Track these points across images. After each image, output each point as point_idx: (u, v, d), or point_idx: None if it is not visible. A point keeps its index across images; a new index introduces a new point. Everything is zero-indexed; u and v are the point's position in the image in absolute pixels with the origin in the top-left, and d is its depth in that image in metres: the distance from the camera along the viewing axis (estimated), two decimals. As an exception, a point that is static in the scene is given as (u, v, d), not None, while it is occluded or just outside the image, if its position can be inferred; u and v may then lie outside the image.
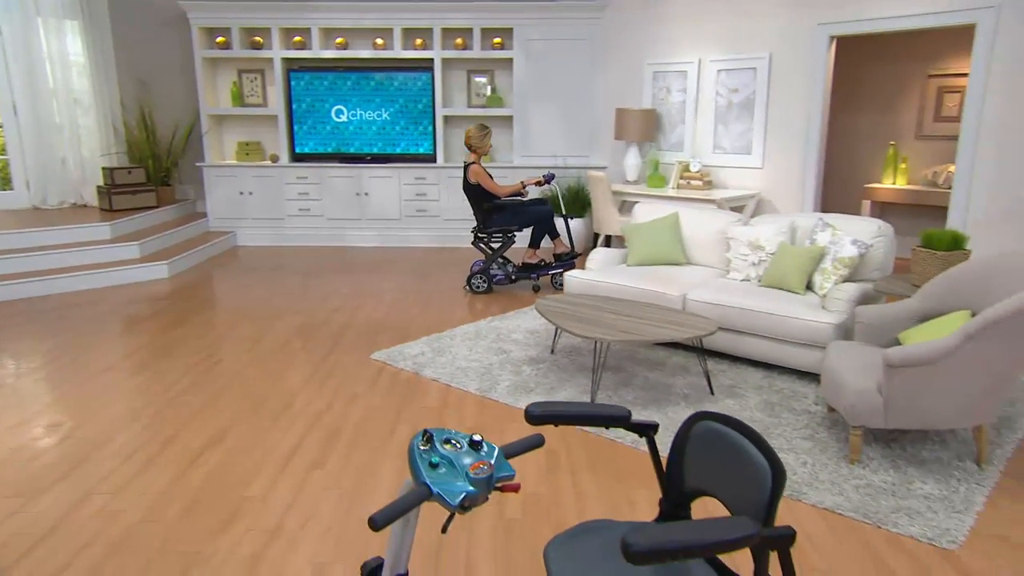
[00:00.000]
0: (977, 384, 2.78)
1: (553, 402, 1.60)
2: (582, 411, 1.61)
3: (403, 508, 1.18)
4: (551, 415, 1.58)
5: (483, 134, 5.78)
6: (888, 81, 7.43)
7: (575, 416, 1.60)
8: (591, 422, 1.62)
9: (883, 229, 4.09)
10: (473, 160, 5.79)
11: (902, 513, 2.63)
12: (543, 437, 1.47)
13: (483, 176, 5.73)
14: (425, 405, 3.64)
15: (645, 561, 1.16)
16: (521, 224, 5.86)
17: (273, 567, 2.33)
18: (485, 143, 5.80)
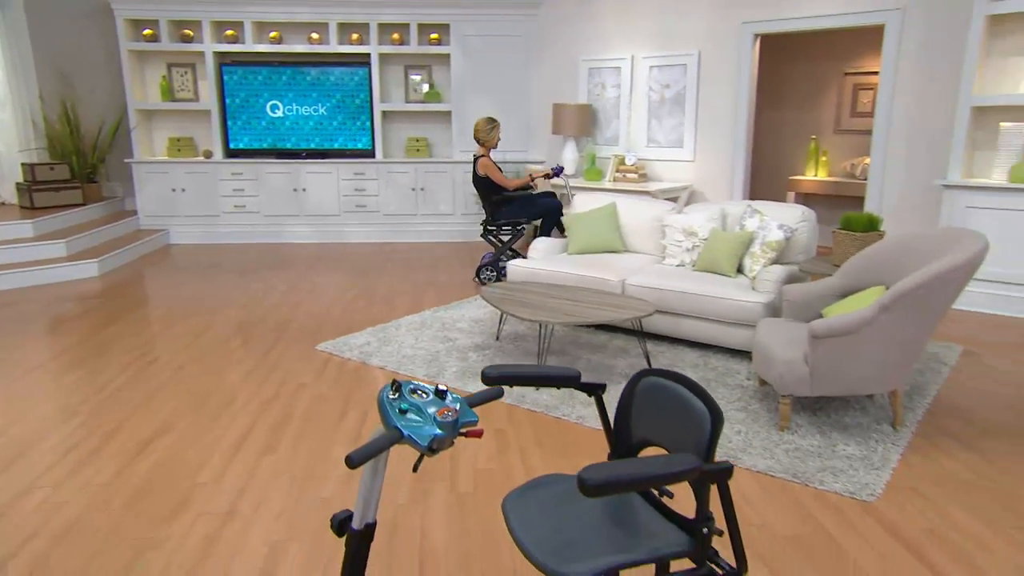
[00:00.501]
0: (891, 351, 3.02)
1: (508, 364, 1.69)
2: (535, 372, 1.70)
3: (377, 448, 1.25)
4: (506, 376, 1.66)
5: (490, 127, 5.83)
6: (808, 79, 7.83)
7: (528, 376, 1.69)
8: (543, 382, 1.71)
9: (806, 214, 4.35)
10: (482, 153, 5.87)
11: (827, 472, 2.83)
12: (502, 390, 1.56)
13: (492, 169, 5.78)
14: (373, 392, 3.67)
15: (599, 493, 1.26)
16: (529, 217, 5.91)
17: (228, 548, 2.34)
18: (492, 136, 5.83)
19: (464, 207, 7.99)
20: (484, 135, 5.83)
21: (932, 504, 2.61)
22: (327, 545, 2.36)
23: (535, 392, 3.63)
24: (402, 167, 7.87)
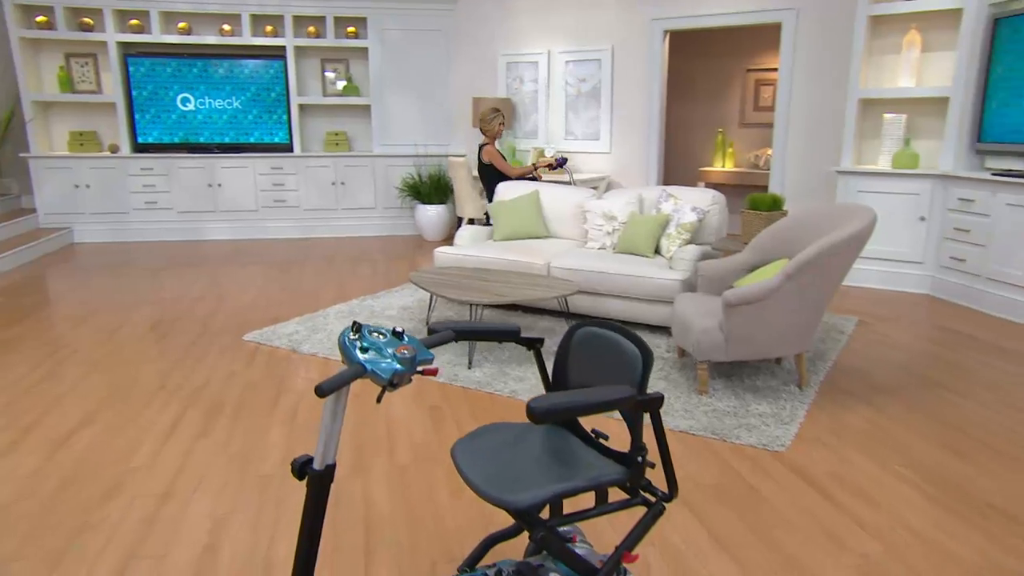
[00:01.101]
0: (796, 316, 3.29)
1: (452, 321, 1.78)
2: (477, 327, 1.80)
3: (343, 380, 1.32)
4: (452, 330, 1.75)
5: (492, 117, 5.87)
6: (715, 75, 8.26)
7: (472, 331, 1.79)
8: (486, 336, 1.81)
9: (716, 198, 4.63)
10: (486, 142, 5.93)
11: (742, 428, 3.06)
12: (453, 333, 1.65)
13: (496, 157, 5.85)
14: (307, 377, 3.67)
15: (545, 418, 1.37)
16: None
17: (170, 524, 2.32)
18: (494, 125, 5.88)
19: (386, 201, 7.99)
20: (486, 124, 5.90)
21: (834, 451, 2.87)
22: (272, 517, 2.38)
23: (467, 370, 3.73)
24: (321, 161, 7.79)
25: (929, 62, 5.33)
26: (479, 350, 4.04)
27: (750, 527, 2.34)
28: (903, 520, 2.38)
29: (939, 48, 5.28)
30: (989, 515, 2.40)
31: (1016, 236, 4.62)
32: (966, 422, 3.14)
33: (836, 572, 2.10)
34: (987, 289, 4.86)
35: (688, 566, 2.13)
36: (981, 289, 4.90)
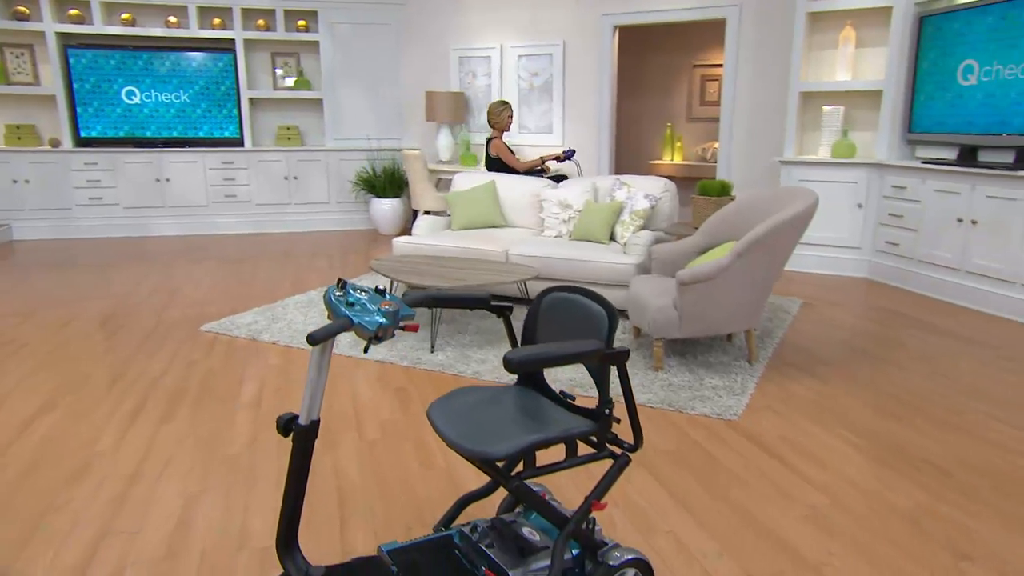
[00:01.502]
0: (745, 293, 3.45)
1: (426, 288, 1.85)
2: (452, 295, 1.88)
3: (333, 331, 1.37)
4: (427, 297, 1.82)
5: (500, 109, 5.88)
6: (663, 71, 8.49)
7: (447, 298, 1.86)
8: (460, 303, 1.89)
9: (668, 186, 4.79)
10: (494, 135, 5.93)
11: (697, 400, 3.21)
12: (432, 297, 1.71)
13: (503, 150, 5.87)
14: (268, 363, 3.68)
15: (521, 368, 1.46)
16: None
17: (140, 503, 2.33)
18: (502, 118, 5.90)
19: (339, 195, 7.96)
20: (495, 117, 5.91)
21: (783, 418, 3.04)
22: (244, 493, 2.40)
23: (430, 354, 3.79)
24: (273, 156, 7.71)
25: (863, 57, 5.61)
26: (441, 335, 4.10)
27: (706, 487, 2.47)
28: (846, 476, 2.54)
29: (872, 44, 5.57)
30: (923, 469, 2.59)
31: (943, 221, 4.92)
32: (902, 390, 3.35)
33: (787, 522, 2.25)
34: (919, 271, 5.15)
35: (650, 522, 2.25)
36: (914, 271, 5.19)
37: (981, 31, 4.68)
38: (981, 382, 3.44)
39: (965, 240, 4.77)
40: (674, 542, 2.14)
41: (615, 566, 1.73)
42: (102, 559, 2.04)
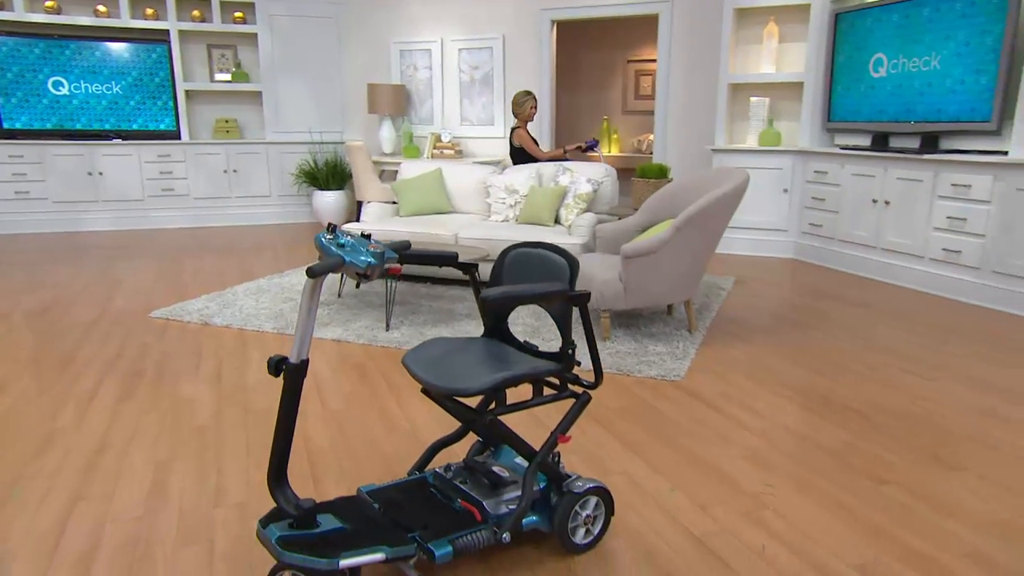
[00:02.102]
0: (684, 265, 3.69)
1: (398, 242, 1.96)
2: (424, 251, 2.00)
3: (328, 267, 1.48)
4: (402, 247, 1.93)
5: (523, 100, 5.78)
6: (599, 66, 8.77)
7: (420, 254, 1.99)
8: (432, 260, 2.02)
9: (608, 171, 5.02)
10: (518, 125, 5.86)
11: (643, 364, 3.42)
12: (409, 242, 1.83)
13: (526, 140, 5.79)
14: (224, 344, 3.70)
15: (496, 303, 1.61)
16: None
17: (110, 471, 2.36)
18: (525, 108, 5.79)
19: (281, 188, 7.91)
20: (517, 107, 5.83)
21: (721, 377, 3.28)
22: (215, 457, 2.46)
23: (385, 332, 3.88)
24: (212, 149, 7.60)
25: (786, 51, 5.99)
26: (395, 315, 4.20)
27: (654, 435, 2.67)
28: (779, 423, 2.79)
29: (794, 39, 5.94)
30: (846, 415, 2.86)
31: (860, 202, 5.32)
32: (826, 351, 3.65)
33: (729, 461, 2.47)
34: (840, 250, 5.54)
35: (606, 466, 2.43)
36: (835, 250, 5.58)
37: (889, 27, 5.08)
38: (894, 344, 3.78)
39: (879, 220, 5.17)
40: (629, 481, 2.33)
41: (579, 493, 1.90)
42: (79, 519, 2.08)
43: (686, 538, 2.01)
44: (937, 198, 4.71)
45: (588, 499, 1.93)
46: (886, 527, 2.07)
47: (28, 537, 1.99)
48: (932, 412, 2.88)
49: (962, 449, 2.56)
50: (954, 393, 3.08)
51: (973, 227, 4.47)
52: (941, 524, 2.08)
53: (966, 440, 2.63)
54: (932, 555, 1.93)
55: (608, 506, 1.97)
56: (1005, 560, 1.91)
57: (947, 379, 3.25)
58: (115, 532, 2.02)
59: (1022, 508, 2.17)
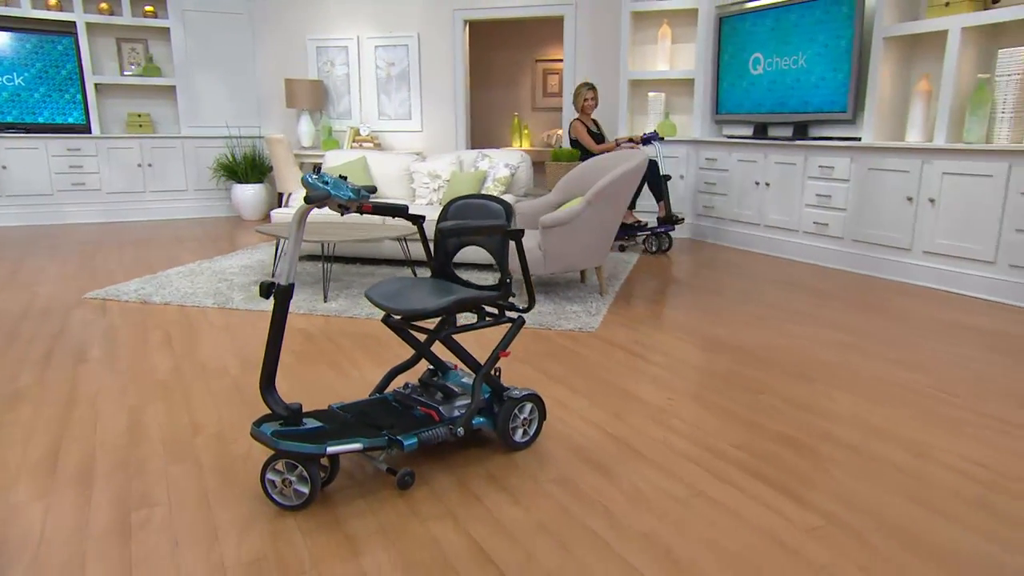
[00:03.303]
0: (595, 235, 4.17)
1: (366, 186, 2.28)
2: (379, 203, 2.34)
3: (319, 197, 1.80)
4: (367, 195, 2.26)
5: (578, 91, 5.90)
6: (510, 64, 9.24)
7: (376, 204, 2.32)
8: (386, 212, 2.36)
9: (524, 157, 5.46)
10: (577, 117, 5.97)
11: (562, 320, 3.86)
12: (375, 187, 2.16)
13: (581, 132, 5.82)
14: (168, 318, 3.87)
15: (451, 233, 1.98)
16: None
17: (86, 418, 2.56)
18: (578, 100, 5.90)
19: (198, 182, 7.93)
20: (574, 98, 5.99)
21: (630, 328, 3.76)
22: (184, 402, 2.70)
23: (323, 303, 4.15)
24: (125, 143, 7.54)
25: (678, 51, 6.63)
26: (331, 290, 4.47)
27: (575, 371, 3.11)
28: (679, 358, 3.29)
29: (685, 40, 6.59)
30: (734, 351, 3.40)
31: (746, 185, 5.99)
32: (719, 307, 4.22)
33: (638, 385, 2.93)
34: (730, 228, 6.21)
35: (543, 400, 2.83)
36: (726, 229, 6.24)
37: (764, 30, 5.78)
38: (776, 301, 4.39)
39: (762, 200, 5.85)
40: (556, 403, 2.75)
41: (517, 398, 2.29)
42: (69, 450, 2.29)
43: (605, 437, 2.45)
44: (807, 179, 5.42)
45: (524, 404, 2.33)
46: (760, 421, 2.58)
47: (23, 466, 2.19)
48: (803, 347, 3.47)
49: (823, 371, 3.13)
50: (821, 335, 3.69)
51: (836, 203, 5.19)
52: (801, 417, 2.61)
53: (827, 364, 3.21)
54: (794, 436, 2.45)
55: (541, 411, 2.37)
56: (850, 438, 2.45)
57: (817, 325, 3.86)
58: (105, 457, 2.25)
59: (866, 406, 2.73)
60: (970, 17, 4.26)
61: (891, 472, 2.20)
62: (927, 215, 4.57)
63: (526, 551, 1.78)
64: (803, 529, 1.89)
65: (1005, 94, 4.14)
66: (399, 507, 1.98)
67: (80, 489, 2.06)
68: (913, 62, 4.93)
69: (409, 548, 1.79)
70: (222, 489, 2.07)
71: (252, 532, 1.86)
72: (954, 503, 2.02)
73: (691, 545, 1.81)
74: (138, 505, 1.98)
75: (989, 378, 3.01)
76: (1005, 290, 4.19)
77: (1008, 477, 2.17)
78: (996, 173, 4.14)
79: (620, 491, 2.08)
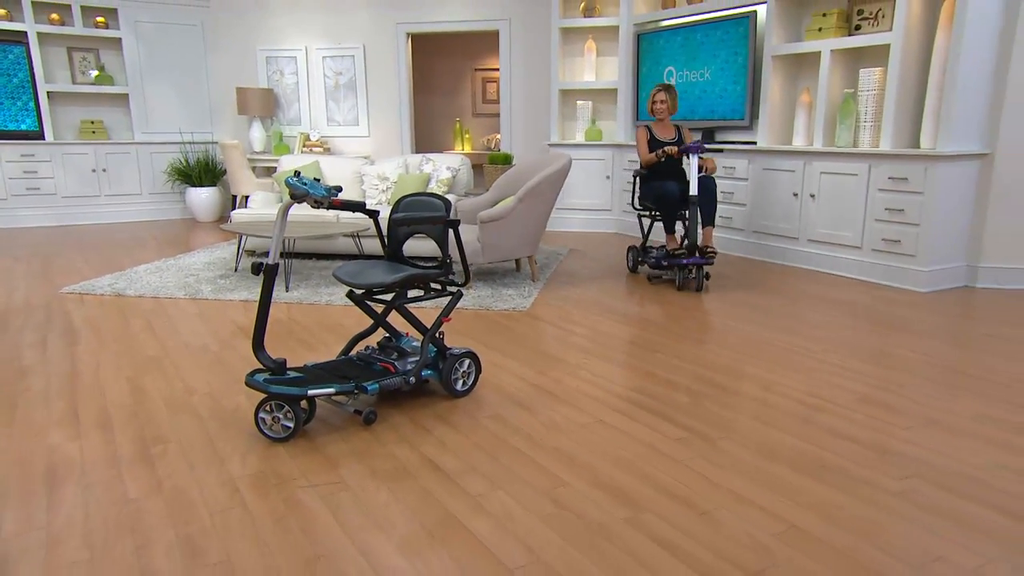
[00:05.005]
0: (527, 227, 4.77)
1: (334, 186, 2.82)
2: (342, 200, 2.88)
3: (301, 194, 2.33)
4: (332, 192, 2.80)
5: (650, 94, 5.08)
6: (451, 73, 9.80)
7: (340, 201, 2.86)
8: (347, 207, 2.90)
9: (464, 160, 6.03)
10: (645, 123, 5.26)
11: (498, 302, 4.45)
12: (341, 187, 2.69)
13: (638, 138, 5.09)
14: (144, 308, 4.31)
15: (401, 224, 2.54)
16: (648, 201, 4.99)
17: (91, 386, 3.02)
18: (649, 104, 5.07)
19: (152, 186, 8.23)
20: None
21: (557, 308, 4.38)
22: (176, 372, 3.18)
23: (285, 292, 4.64)
24: (79, 149, 7.80)
25: (603, 63, 7.31)
26: (293, 280, 4.96)
27: (509, 341, 3.70)
28: (596, 329, 3.91)
29: (608, 53, 7.28)
30: (642, 323, 4.05)
31: (664, 183, 6.69)
32: (633, 291, 4.87)
33: (562, 350, 3.54)
34: (651, 223, 6.90)
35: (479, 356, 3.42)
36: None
37: (675, 46, 6.50)
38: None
39: (677, 197, 6.56)
40: (490, 363, 3.33)
41: (457, 355, 2.87)
42: (85, 407, 2.77)
43: (530, 387, 3.05)
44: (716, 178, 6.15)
45: (464, 359, 2.91)
46: (654, 371, 3.22)
47: (50, 420, 2.66)
48: (701, 318, 4.14)
49: (714, 335, 3.81)
50: (719, 309, 4.37)
51: (739, 199, 5.94)
52: (687, 368, 3.27)
53: (718, 331, 3.89)
54: (677, 381, 3.10)
55: (477, 365, 2.96)
56: (721, 381, 3.11)
57: (717, 301, 4.55)
58: (117, 412, 2.74)
59: (740, 359, 3.41)
60: (837, 41, 5.05)
61: (745, 402, 2.87)
62: (809, 208, 5.34)
63: (466, 461, 2.37)
64: (672, 439, 2.52)
65: (866, 106, 4.93)
66: (365, 437, 2.54)
67: (103, 433, 2.55)
68: (797, 77, 5.71)
69: (375, 462, 2.35)
70: (221, 430, 2.59)
71: (251, 457, 2.38)
72: (785, 419, 2.69)
73: (589, 454, 2.42)
74: (154, 443, 2.48)
75: (841, 338, 3.74)
76: (869, 270, 4.98)
77: (832, 403, 2.86)
78: (860, 172, 4.93)
79: (539, 422, 2.68)
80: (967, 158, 4.64)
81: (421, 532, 1.94)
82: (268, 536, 1.92)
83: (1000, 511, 2.05)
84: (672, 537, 1.91)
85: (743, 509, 2.05)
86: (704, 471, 2.29)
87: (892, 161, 4.74)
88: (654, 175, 5.05)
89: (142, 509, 2.05)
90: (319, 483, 2.21)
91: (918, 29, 4.71)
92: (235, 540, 1.90)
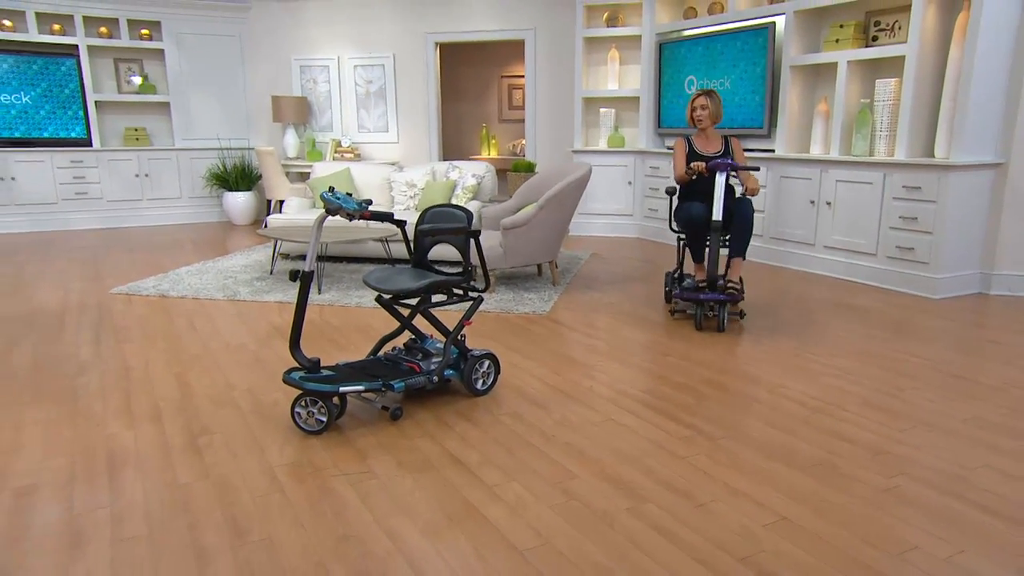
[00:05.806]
0: (548, 234, 4.97)
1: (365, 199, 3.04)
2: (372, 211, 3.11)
3: (335, 208, 2.56)
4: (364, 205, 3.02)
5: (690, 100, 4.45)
6: (477, 79, 10.02)
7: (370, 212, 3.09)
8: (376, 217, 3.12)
9: (489, 168, 6.24)
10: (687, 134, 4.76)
11: (519, 306, 4.65)
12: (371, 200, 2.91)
13: (674, 152, 4.47)
14: (186, 308, 4.59)
15: (429, 232, 2.75)
16: (677, 222, 4.36)
17: (143, 379, 3.28)
18: (688, 112, 4.45)
19: (191, 191, 8.59)
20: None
21: (576, 312, 4.56)
22: (218, 369, 3.44)
23: (318, 295, 4.89)
24: (124, 155, 8.19)
25: (626, 72, 7.47)
26: (325, 283, 5.21)
27: (529, 343, 3.90)
28: (614, 333, 4.09)
29: (631, 62, 7.43)
30: (648, 324, 4.21)
31: (684, 190, 6.84)
32: (651, 296, 5.04)
33: (575, 353, 3.73)
34: (672, 228, 7.05)
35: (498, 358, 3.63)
36: (666, 229, 7.08)
37: (696, 56, 6.64)
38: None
39: (698, 203, 6.70)
40: (510, 364, 3.54)
41: (477, 356, 3.07)
42: (138, 401, 3.03)
43: (546, 386, 3.24)
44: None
45: (483, 360, 3.11)
46: (664, 374, 3.39)
47: (108, 411, 2.93)
48: (716, 323, 4.30)
49: (727, 340, 3.96)
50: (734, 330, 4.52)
51: (757, 206, 6.06)
52: (696, 371, 3.43)
53: (732, 335, 4.04)
54: (686, 383, 3.27)
55: (496, 366, 3.16)
56: (728, 383, 3.27)
57: (726, 305, 4.70)
58: (167, 406, 2.99)
59: (749, 362, 3.56)
60: (854, 52, 5.15)
61: (749, 403, 3.03)
62: (826, 215, 5.44)
63: (484, 454, 2.57)
64: (677, 437, 2.70)
65: (881, 116, 5.03)
66: (392, 431, 2.76)
67: (155, 425, 2.80)
68: (815, 87, 5.82)
69: (401, 454, 2.57)
70: (261, 423, 2.83)
71: (288, 447, 2.62)
72: (787, 421, 2.85)
73: (598, 449, 2.61)
74: (200, 434, 2.73)
75: (849, 342, 3.87)
76: (884, 277, 5.08)
77: (831, 405, 3.00)
78: (875, 181, 5.03)
79: (552, 419, 2.88)
80: (981, 168, 4.72)
81: (441, 517, 2.15)
82: (304, 518, 2.14)
83: (977, 507, 2.19)
84: (670, 525, 2.09)
85: (738, 502, 2.22)
86: (704, 467, 2.46)
87: (907, 170, 4.84)
88: (687, 194, 4.42)
89: (192, 492, 2.29)
90: (350, 472, 2.43)
91: (933, 41, 4.81)
92: (275, 521, 2.12)
